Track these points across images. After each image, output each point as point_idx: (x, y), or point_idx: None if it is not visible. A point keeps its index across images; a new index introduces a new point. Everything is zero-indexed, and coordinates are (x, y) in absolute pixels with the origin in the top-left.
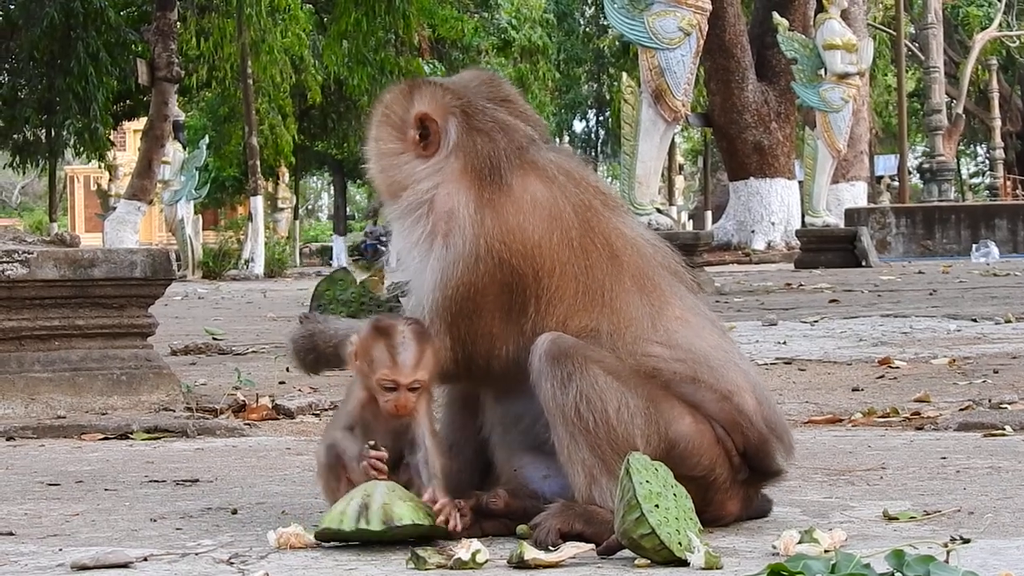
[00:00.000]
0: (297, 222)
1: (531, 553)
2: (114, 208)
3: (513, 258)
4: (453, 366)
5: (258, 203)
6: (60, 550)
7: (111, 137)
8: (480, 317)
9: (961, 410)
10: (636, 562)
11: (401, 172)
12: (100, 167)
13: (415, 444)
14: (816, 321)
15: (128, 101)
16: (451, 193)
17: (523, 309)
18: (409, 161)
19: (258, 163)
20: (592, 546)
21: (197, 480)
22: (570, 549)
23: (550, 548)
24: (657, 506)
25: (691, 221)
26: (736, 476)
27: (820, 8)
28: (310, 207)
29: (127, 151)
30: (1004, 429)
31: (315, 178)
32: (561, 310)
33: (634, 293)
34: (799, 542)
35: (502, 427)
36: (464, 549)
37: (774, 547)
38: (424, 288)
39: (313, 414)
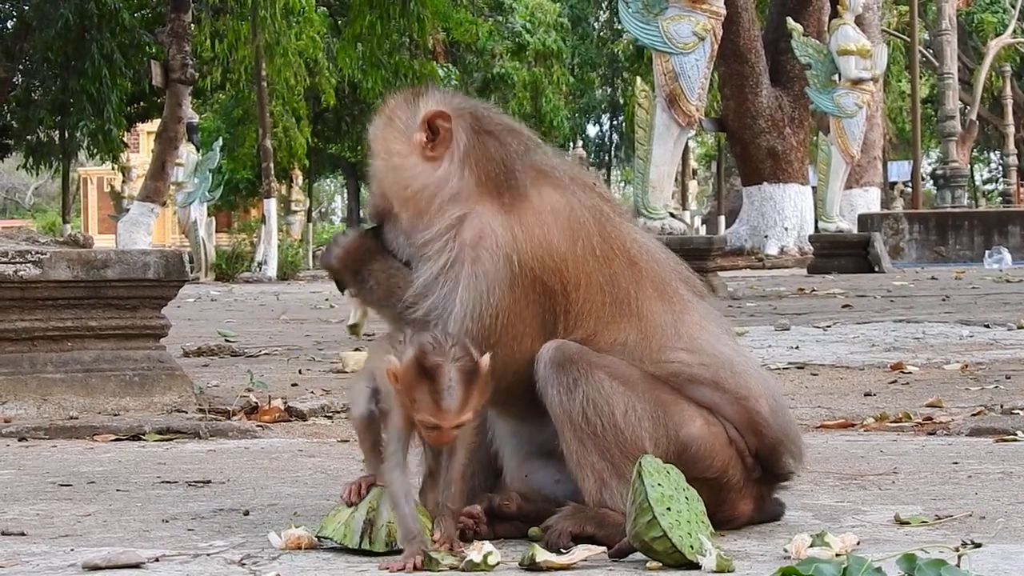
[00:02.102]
0: (310, 225)
1: (543, 555)
2: (127, 210)
3: (544, 274)
4: (492, 393)
5: (271, 205)
6: (72, 550)
7: (125, 139)
8: (519, 341)
9: (973, 415)
10: (648, 565)
11: (406, 175)
12: (113, 169)
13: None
14: (829, 326)
15: (142, 103)
16: (476, 216)
17: (554, 327)
18: (416, 164)
19: (272, 165)
20: (604, 549)
21: (209, 481)
22: (582, 552)
23: (562, 550)
24: (669, 509)
25: (704, 226)
26: (749, 476)
27: (835, 14)
28: (323, 210)
29: (140, 153)
30: (1016, 434)
31: (329, 181)
32: (590, 323)
33: (656, 300)
34: (811, 545)
35: (513, 436)
36: (476, 551)
37: (786, 550)
38: (455, 318)
39: (325, 416)
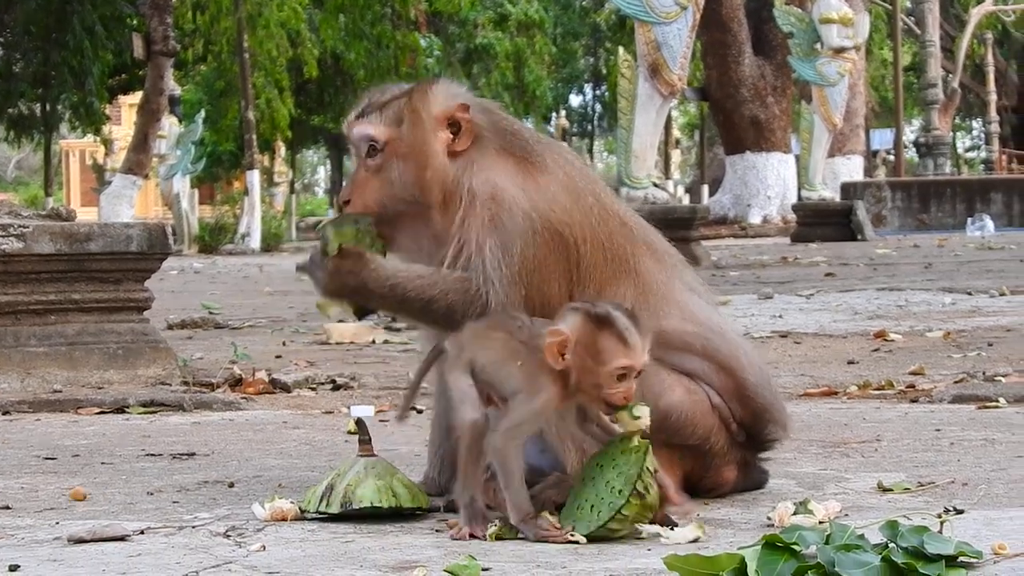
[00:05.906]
0: (293, 196)
1: None
2: (110, 182)
3: (558, 225)
4: None
5: (254, 177)
6: (57, 523)
7: (107, 111)
8: (548, 286)
9: (955, 382)
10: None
11: (440, 175)
12: (96, 141)
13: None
14: (812, 295)
15: (124, 75)
16: (488, 177)
17: (570, 276)
18: (445, 164)
19: (254, 137)
20: None
21: (194, 454)
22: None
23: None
24: (583, 502)
25: (687, 195)
26: (734, 442)
27: None
28: (306, 181)
29: (123, 125)
30: (998, 401)
31: (311, 152)
32: (596, 279)
33: (649, 258)
34: (794, 513)
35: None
36: None
37: (769, 518)
38: (486, 272)
39: (309, 388)
